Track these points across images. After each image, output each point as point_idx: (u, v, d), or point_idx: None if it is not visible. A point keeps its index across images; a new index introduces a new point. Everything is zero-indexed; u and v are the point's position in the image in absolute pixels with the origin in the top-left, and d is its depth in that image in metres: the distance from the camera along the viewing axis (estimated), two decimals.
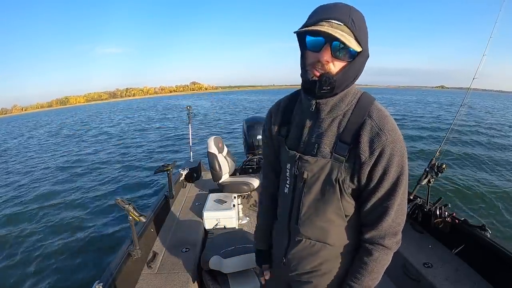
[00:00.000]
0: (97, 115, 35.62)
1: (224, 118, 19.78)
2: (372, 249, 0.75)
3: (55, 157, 10.81)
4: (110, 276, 1.48)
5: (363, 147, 0.69)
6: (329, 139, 0.74)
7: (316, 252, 0.83)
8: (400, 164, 0.70)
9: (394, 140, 0.69)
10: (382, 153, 0.69)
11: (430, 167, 2.04)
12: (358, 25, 0.66)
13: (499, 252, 1.51)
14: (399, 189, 0.71)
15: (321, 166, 0.74)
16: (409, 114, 19.21)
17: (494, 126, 13.65)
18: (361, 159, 0.70)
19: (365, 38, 0.68)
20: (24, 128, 28.03)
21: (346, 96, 0.74)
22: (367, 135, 0.69)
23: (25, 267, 3.64)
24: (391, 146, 0.69)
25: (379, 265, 0.76)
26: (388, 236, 0.74)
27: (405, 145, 0.72)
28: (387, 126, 0.69)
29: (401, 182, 0.71)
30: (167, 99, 78.51)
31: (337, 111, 0.74)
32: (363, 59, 0.70)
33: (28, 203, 5.97)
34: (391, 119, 0.71)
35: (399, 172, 0.71)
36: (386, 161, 0.69)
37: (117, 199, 1.62)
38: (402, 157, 0.70)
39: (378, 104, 0.73)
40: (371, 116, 0.70)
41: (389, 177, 0.70)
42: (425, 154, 7.78)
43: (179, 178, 3.18)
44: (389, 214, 0.72)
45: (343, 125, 0.73)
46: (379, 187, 0.72)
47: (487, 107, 28.66)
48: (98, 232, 4.39)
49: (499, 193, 5.19)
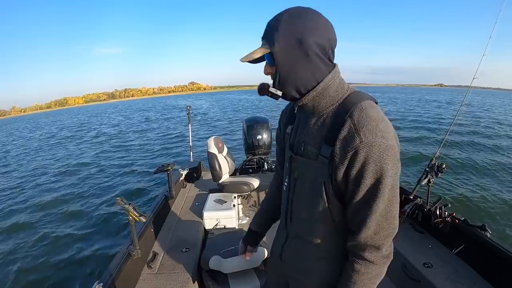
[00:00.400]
0: (96, 116, 35.59)
1: (224, 118, 19.79)
2: (353, 261, 0.71)
3: (55, 158, 10.82)
4: (110, 276, 1.48)
5: (336, 149, 0.66)
6: (314, 139, 0.73)
7: (306, 252, 0.83)
8: (377, 171, 0.63)
9: (371, 143, 0.62)
10: (354, 157, 0.63)
11: (430, 167, 2.04)
12: (270, 29, 0.69)
13: (499, 252, 1.51)
14: (378, 199, 0.64)
15: (308, 167, 0.75)
16: (409, 113, 19.22)
17: (494, 125, 13.66)
18: (335, 161, 0.67)
19: (280, 34, 0.67)
20: (24, 130, 28.01)
21: (325, 95, 0.71)
22: (342, 135, 0.65)
23: (25, 267, 3.65)
24: (366, 150, 0.62)
25: (363, 278, 0.70)
26: (370, 249, 0.68)
27: (392, 152, 0.64)
28: (365, 128, 0.63)
29: (380, 191, 0.64)
30: (166, 100, 78.43)
31: (320, 110, 0.72)
32: (284, 54, 0.68)
33: (28, 203, 5.98)
34: (374, 121, 0.63)
35: (375, 179, 0.64)
36: (360, 166, 0.64)
37: (117, 199, 1.62)
38: (380, 163, 0.62)
39: (365, 103, 0.66)
40: (352, 115, 0.65)
41: (363, 185, 0.65)
42: (425, 154, 7.79)
43: (179, 178, 3.18)
44: (368, 225, 0.66)
45: (327, 126, 0.70)
46: (355, 195, 0.67)
47: (486, 104, 28.68)
48: (98, 232, 4.39)
49: (499, 193, 5.20)
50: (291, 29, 0.67)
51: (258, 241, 1.13)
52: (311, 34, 0.66)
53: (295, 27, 0.67)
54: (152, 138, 13.27)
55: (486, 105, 27.69)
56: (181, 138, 12.30)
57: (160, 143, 11.74)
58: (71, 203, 5.68)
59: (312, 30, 0.66)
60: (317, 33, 0.67)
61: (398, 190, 0.68)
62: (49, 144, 14.88)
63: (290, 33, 0.67)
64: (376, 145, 0.62)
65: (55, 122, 32.07)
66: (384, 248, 0.69)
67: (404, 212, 2.11)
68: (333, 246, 0.79)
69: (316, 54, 0.68)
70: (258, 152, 3.64)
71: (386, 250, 0.69)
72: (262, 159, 3.62)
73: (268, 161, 3.54)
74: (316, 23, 0.67)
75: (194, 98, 73.62)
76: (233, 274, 1.78)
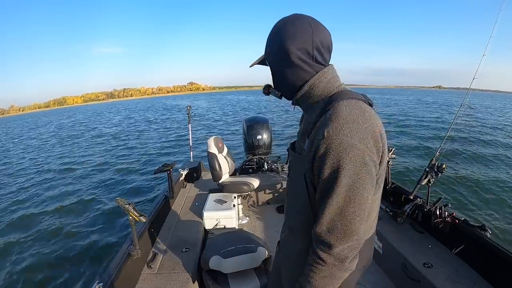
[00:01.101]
0: (95, 115, 35.56)
1: (224, 118, 19.79)
2: (311, 254, 0.71)
3: (54, 157, 10.82)
4: (110, 276, 1.48)
5: (307, 144, 0.72)
6: (302, 135, 0.80)
7: (292, 243, 0.88)
8: (333, 167, 0.64)
9: (332, 139, 0.63)
10: (316, 151, 0.66)
11: (430, 167, 2.04)
12: (267, 41, 0.80)
13: (499, 252, 1.51)
14: (332, 196, 0.65)
15: (295, 161, 0.82)
16: (409, 114, 19.24)
17: (494, 125, 13.67)
18: (307, 155, 0.71)
19: (269, 42, 0.79)
20: (23, 130, 27.99)
21: (312, 94, 0.76)
22: (314, 131, 0.70)
23: (25, 267, 3.64)
24: (325, 146, 0.64)
25: (314, 274, 0.69)
26: (322, 245, 0.67)
27: (355, 152, 0.63)
28: (330, 124, 0.64)
29: (335, 188, 0.64)
30: (165, 100, 78.41)
31: (310, 108, 0.79)
32: (271, 59, 0.80)
33: (28, 203, 5.98)
34: (343, 119, 0.64)
35: (331, 176, 0.64)
36: (319, 161, 0.66)
37: (117, 199, 1.62)
38: (338, 160, 0.63)
39: (344, 102, 0.67)
40: (326, 113, 0.68)
41: (321, 179, 0.66)
42: (425, 154, 7.79)
43: (179, 178, 3.18)
44: (322, 221, 0.67)
45: (312, 122, 0.74)
46: (318, 189, 0.69)
47: (483, 106, 28.71)
48: (98, 232, 4.39)
49: (499, 193, 5.20)
50: (274, 38, 0.77)
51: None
52: (291, 41, 0.73)
53: (277, 37, 0.75)
54: (152, 138, 13.28)
55: (483, 107, 27.70)
56: (181, 138, 12.31)
57: (160, 143, 11.75)
58: (71, 203, 5.68)
59: (291, 37, 0.73)
60: (298, 39, 0.72)
61: (361, 196, 0.65)
62: (49, 143, 14.88)
63: (273, 43, 0.77)
64: (336, 142, 0.63)
65: (55, 121, 32.05)
66: (337, 249, 0.66)
67: (404, 212, 2.11)
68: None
69: (298, 57, 0.74)
70: (258, 152, 3.64)
71: (339, 254, 0.66)
72: (262, 159, 3.62)
73: (268, 161, 3.54)
74: (296, 29, 0.73)
75: (193, 98, 73.64)
76: (233, 274, 1.78)
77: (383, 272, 2.01)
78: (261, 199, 3.25)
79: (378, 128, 0.67)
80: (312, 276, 0.70)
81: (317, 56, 0.74)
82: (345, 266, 0.68)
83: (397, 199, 2.29)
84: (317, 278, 0.69)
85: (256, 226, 2.78)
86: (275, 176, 3.40)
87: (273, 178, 3.35)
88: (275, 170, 3.41)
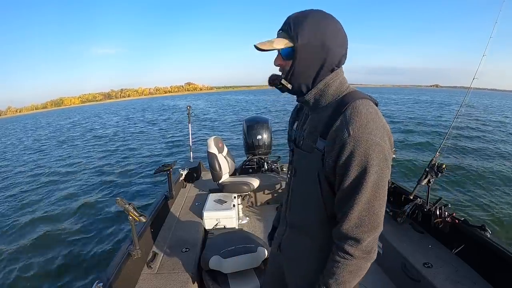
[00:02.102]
0: (93, 116, 35.46)
1: (224, 119, 19.78)
2: (335, 251, 0.73)
3: (54, 158, 10.82)
4: (110, 276, 1.48)
5: (328, 142, 0.71)
6: (312, 133, 0.78)
7: (299, 242, 0.87)
8: (361, 165, 0.66)
9: (358, 138, 0.65)
10: (342, 150, 0.67)
11: (430, 167, 2.04)
12: (295, 25, 0.72)
13: (499, 252, 1.51)
14: (361, 193, 0.67)
15: (304, 159, 0.80)
16: (408, 114, 19.22)
17: (494, 125, 13.66)
18: (325, 154, 0.71)
19: (305, 32, 0.71)
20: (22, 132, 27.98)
21: (326, 92, 0.76)
22: (333, 129, 0.69)
23: (25, 267, 3.64)
24: (353, 144, 0.65)
25: (342, 270, 0.71)
26: (350, 241, 0.70)
27: (378, 149, 0.65)
28: (354, 123, 0.66)
29: (363, 185, 0.66)
30: (163, 100, 78.19)
31: (320, 106, 0.78)
32: (305, 52, 0.72)
33: (28, 203, 5.98)
34: (364, 117, 0.66)
35: (359, 173, 0.66)
36: (345, 159, 0.67)
37: (117, 199, 1.62)
38: (366, 158, 0.65)
39: (360, 102, 0.69)
40: (345, 112, 0.69)
41: (348, 177, 0.68)
42: (425, 154, 7.79)
43: (179, 178, 3.18)
44: (350, 217, 0.69)
45: (323, 121, 0.74)
46: (341, 187, 0.70)
47: (485, 105, 28.71)
48: (98, 232, 4.39)
49: (500, 193, 5.20)
50: (317, 31, 0.71)
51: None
52: (333, 40, 0.72)
53: (320, 30, 0.71)
54: (152, 138, 13.27)
55: (482, 105, 27.69)
56: (181, 138, 12.30)
57: (160, 143, 11.75)
58: (70, 203, 5.67)
59: (334, 36, 0.72)
60: (337, 39, 0.73)
61: (384, 190, 0.69)
62: (49, 144, 14.87)
63: (315, 35, 0.71)
64: (363, 140, 0.65)
65: (54, 123, 32.03)
66: (365, 242, 0.69)
67: (404, 212, 2.11)
68: (325, 236, 0.80)
69: (332, 58, 0.73)
70: (258, 152, 3.64)
71: (367, 246, 0.70)
72: (262, 159, 3.62)
73: (268, 161, 3.54)
74: (337, 30, 0.73)
75: (191, 98, 73.45)
76: (233, 274, 1.78)
77: (383, 272, 2.01)
78: (261, 199, 3.25)
79: (388, 126, 0.71)
80: (339, 272, 0.72)
81: (341, 59, 0.75)
82: (370, 257, 0.72)
83: (397, 199, 2.29)
84: (344, 274, 0.72)
85: (256, 226, 2.78)
86: (275, 176, 3.40)
87: (273, 178, 3.35)
88: (275, 170, 3.41)
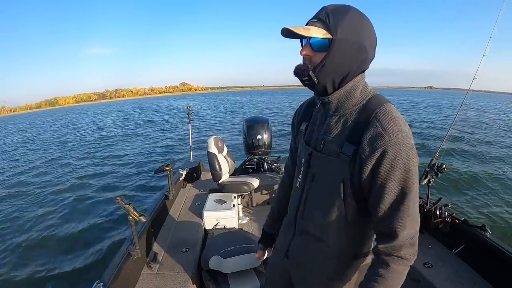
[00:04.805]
0: (92, 116, 35.33)
1: (223, 119, 19.78)
2: (389, 261, 0.69)
3: (53, 158, 10.81)
4: (110, 276, 1.48)
5: (363, 147, 0.67)
6: (336, 137, 0.74)
7: (314, 249, 0.83)
8: (406, 168, 0.66)
9: (399, 142, 0.65)
10: (384, 155, 0.65)
11: (430, 167, 2.04)
12: (334, 17, 0.67)
13: (499, 252, 1.51)
14: (409, 196, 0.67)
15: (327, 164, 0.76)
16: (408, 114, 19.23)
17: (494, 125, 13.66)
18: (361, 159, 0.68)
19: (345, 27, 0.67)
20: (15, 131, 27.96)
21: (352, 95, 0.73)
22: (369, 134, 0.67)
23: (24, 267, 3.64)
24: (395, 148, 0.64)
25: (396, 278, 0.69)
26: (406, 246, 0.68)
27: (415, 152, 0.67)
28: (392, 127, 0.65)
29: (410, 188, 0.67)
30: (158, 100, 77.95)
31: (344, 109, 0.74)
32: (342, 47, 0.68)
33: (27, 203, 5.97)
34: (400, 122, 0.67)
35: (405, 177, 0.66)
36: (390, 164, 0.65)
37: (117, 199, 1.62)
38: (408, 161, 0.65)
39: (388, 106, 0.70)
40: (377, 116, 0.68)
41: (394, 183, 0.66)
42: (425, 154, 7.79)
43: (179, 178, 3.18)
44: (404, 224, 0.67)
45: (350, 125, 0.72)
46: (386, 194, 0.67)
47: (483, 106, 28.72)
48: (98, 232, 4.38)
49: (500, 193, 5.20)
50: (358, 28, 0.69)
51: (273, 241, 1.13)
52: (369, 41, 0.71)
53: (361, 28, 0.70)
54: (151, 138, 13.26)
55: (479, 107, 27.72)
56: (181, 138, 12.29)
57: (160, 143, 11.74)
58: (70, 203, 5.66)
59: (370, 37, 0.71)
60: (372, 42, 0.72)
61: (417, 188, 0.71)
62: (48, 144, 14.86)
63: (356, 32, 0.68)
64: (404, 144, 0.65)
65: (51, 123, 31.99)
66: (416, 244, 0.70)
67: None
68: (344, 246, 0.79)
69: (365, 59, 0.72)
70: (258, 152, 3.64)
71: (416, 246, 0.71)
72: (262, 159, 3.62)
73: (268, 161, 3.54)
74: (373, 32, 0.72)
75: (187, 99, 73.18)
76: (233, 274, 1.77)
77: None
78: (261, 199, 3.25)
79: None
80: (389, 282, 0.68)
81: (369, 64, 0.75)
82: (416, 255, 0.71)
83: None
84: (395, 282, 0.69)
85: (256, 226, 2.78)
86: (275, 176, 3.39)
87: (273, 178, 3.35)
88: (275, 170, 3.41)
